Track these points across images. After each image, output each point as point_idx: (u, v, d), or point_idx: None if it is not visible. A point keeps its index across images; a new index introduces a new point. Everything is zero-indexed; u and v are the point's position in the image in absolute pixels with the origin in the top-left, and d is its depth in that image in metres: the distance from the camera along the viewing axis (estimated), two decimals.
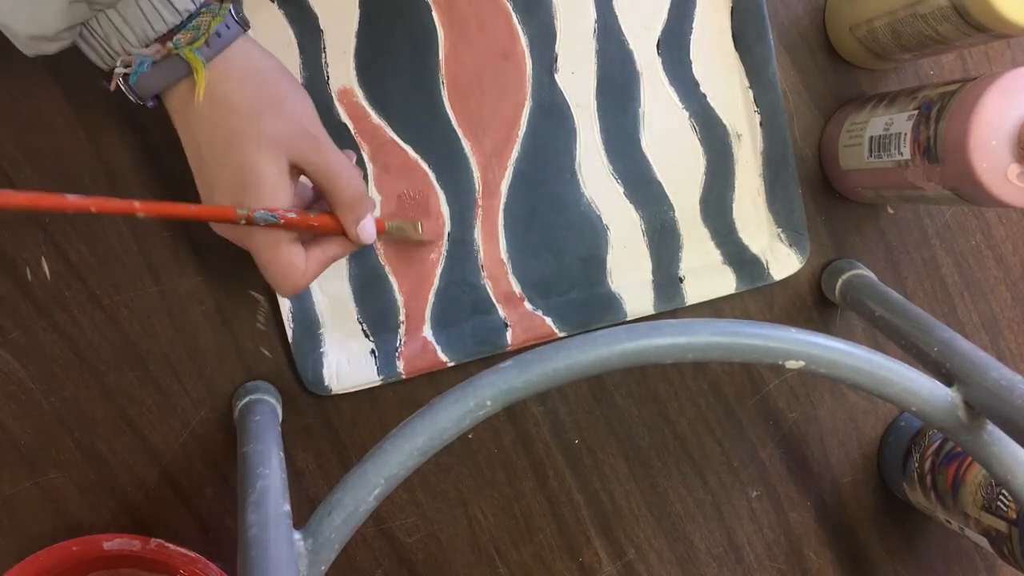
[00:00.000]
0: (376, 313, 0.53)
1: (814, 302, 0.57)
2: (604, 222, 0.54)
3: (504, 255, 0.53)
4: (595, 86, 0.52)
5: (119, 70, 0.40)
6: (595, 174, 0.53)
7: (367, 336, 0.53)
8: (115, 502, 0.52)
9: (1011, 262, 0.58)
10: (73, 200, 0.37)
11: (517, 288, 0.54)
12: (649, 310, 0.54)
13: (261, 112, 0.41)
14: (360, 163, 0.51)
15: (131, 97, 0.41)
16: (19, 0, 0.38)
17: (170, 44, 0.40)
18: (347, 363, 0.52)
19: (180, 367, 0.52)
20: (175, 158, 0.50)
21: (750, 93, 0.54)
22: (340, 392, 0.52)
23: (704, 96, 0.54)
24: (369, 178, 0.51)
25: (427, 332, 0.53)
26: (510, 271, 0.53)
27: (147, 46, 0.40)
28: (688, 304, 0.55)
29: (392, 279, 0.53)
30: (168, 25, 0.40)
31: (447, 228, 0.52)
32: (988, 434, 0.43)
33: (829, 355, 0.41)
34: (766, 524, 0.59)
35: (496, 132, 0.52)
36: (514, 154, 0.52)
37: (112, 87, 0.41)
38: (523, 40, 0.51)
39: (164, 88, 0.41)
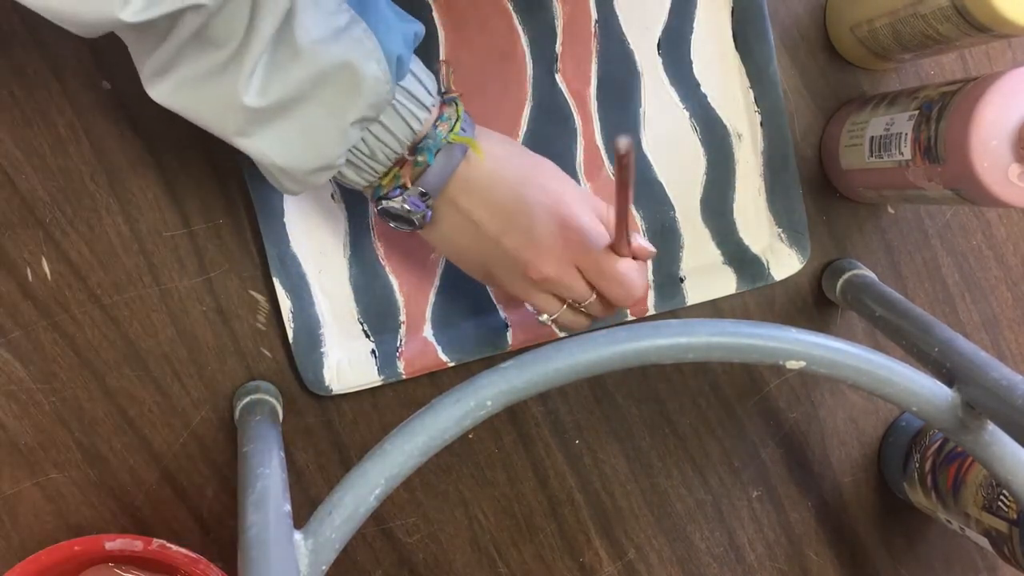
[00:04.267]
0: (377, 313, 0.53)
1: (815, 302, 0.57)
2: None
3: None
4: (595, 86, 0.52)
5: (403, 196, 0.43)
6: (596, 174, 0.53)
7: (368, 336, 0.53)
8: (115, 502, 0.52)
9: (1012, 262, 0.58)
10: None
11: None
12: (650, 310, 0.54)
13: (536, 164, 0.45)
14: None
15: (406, 213, 0.43)
16: (291, 138, 0.38)
17: (440, 137, 0.42)
18: (348, 363, 0.52)
19: (181, 367, 0.52)
20: (175, 158, 0.50)
21: (751, 93, 0.54)
22: (341, 392, 0.52)
23: (705, 96, 0.54)
24: None
25: (428, 332, 0.53)
26: None
27: (411, 151, 0.42)
28: (689, 304, 0.55)
29: (392, 279, 0.53)
30: (421, 122, 0.41)
31: None
32: (989, 434, 0.43)
33: (830, 355, 0.41)
34: (767, 524, 0.59)
35: (497, 131, 0.52)
36: None
37: (396, 204, 0.43)
38: (523, 40, 0.51)
39: (447, 176, 0.42)
